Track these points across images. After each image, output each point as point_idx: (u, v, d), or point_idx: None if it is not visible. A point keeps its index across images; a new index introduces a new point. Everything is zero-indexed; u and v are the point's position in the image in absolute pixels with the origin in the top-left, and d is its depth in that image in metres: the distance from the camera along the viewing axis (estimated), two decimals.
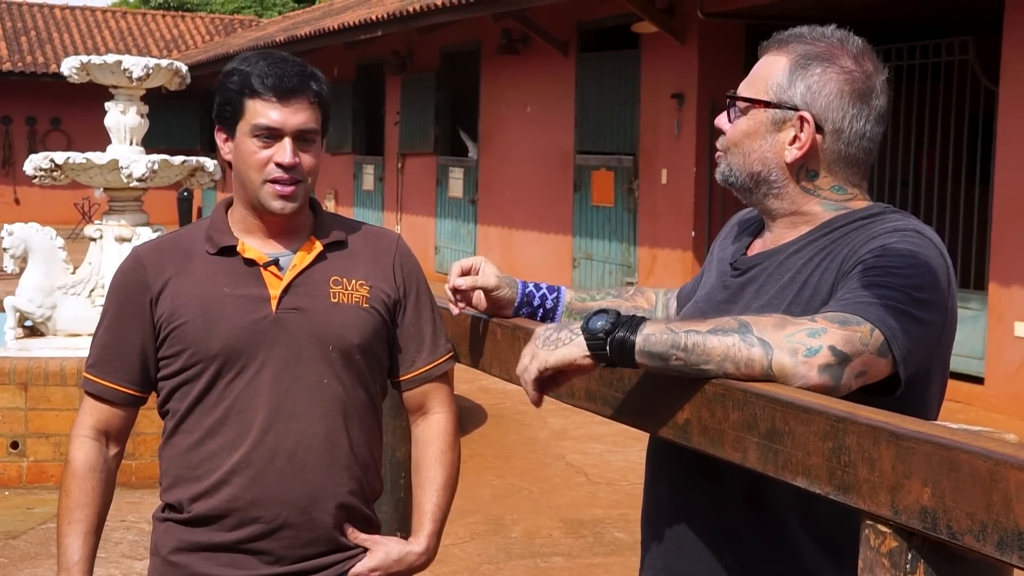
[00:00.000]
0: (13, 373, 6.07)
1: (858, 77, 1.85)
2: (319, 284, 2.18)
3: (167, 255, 2.21)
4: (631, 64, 12.27)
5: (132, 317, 2.18)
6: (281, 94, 2.11)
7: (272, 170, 2.12)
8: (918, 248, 1.74)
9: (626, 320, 1.67)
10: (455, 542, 5.47)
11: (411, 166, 17.32)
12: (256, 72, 2.12)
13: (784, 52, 1.87)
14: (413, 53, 16.93)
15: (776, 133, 1.86)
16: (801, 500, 1.83)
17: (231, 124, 2.15)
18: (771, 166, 1.87)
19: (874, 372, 1.62)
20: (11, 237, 7.33)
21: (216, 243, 2.19)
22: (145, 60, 7.30)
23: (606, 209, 12.74)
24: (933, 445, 1.31)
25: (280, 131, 2.12)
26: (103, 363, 2.21)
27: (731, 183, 1.93)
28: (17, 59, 25.74)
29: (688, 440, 1.69)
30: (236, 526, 2.13)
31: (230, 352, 2.11)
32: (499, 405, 8.34)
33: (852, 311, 1.63)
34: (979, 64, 8.73)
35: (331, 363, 2.16)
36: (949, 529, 1.29)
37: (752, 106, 1.87)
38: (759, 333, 1.59)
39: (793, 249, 1.87)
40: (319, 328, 2.15)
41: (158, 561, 2.21)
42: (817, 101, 1.83)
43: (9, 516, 5.72)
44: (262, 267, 2.16)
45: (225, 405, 2.13)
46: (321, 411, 2.15)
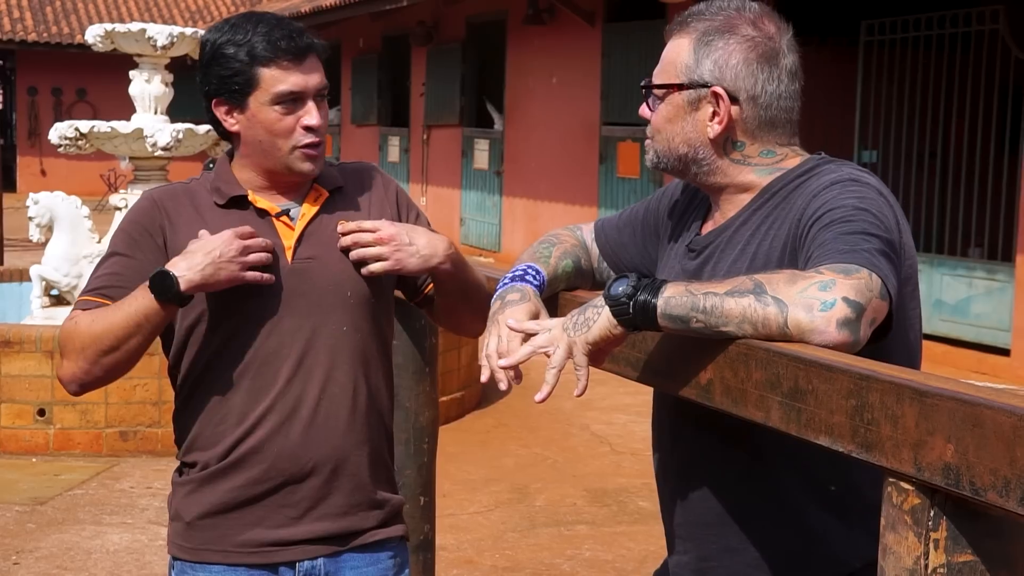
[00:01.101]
0: (40, 341, 6.12)
1: (760, 41, 1.88)
2: (330, 231, 2.17)
3: (181, 202, 2.17)
4: (658, 34, 12.04)
5: (148, 252, 2.12)
6: (296, 57, 2.09)
7: (301, 135, 2.11)
8: (859, 194, 1.76)
9: (647, 283, 1.67)
10: (479, 510, 5.49)
11: (436, 138, 17.29)
12: (260, 39, 2.07)
13: (686, 33, 1.91)
14: (439, 24, 16.87)
15: (694, 113, 1.90)
16: (799, 464, 1.84)
17: (240, 96, 2.10)
18: (696, 145, 1.91)
19: (880, 317, 1.62)
20: (37, 206, 7.38)
21: (225, 194, 2.16)
22: (170, 28, 7.31)
23: (632, 181, 12.69)
24: (957, 402, 1.30)
25: (303, 94, 2.10)
26: (108, 289, 2.11)
27: (662, 168, 1.97)
28: (42, 30, 25.81)
29: (711, 400, 1.68)
30: (262, 478, 2.13)
31: (250, 305, 2.11)
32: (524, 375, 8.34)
33: (845, 260, 1.63)
34: (1010, 33, 8.63)
35: (350, 310, 2.16)
36: (972, 485, 1.28)
37: (667, 92, 1.91)
38: (772, 291, 1.60)
39: (739, 222, 1.91)
40: (336, 276, 2.15)
41: (180, 526, 2.19)
42: (726, 73, 1.87)
43: (36, 482, 5.77)
44: (274, 217, 2.15)
45: (246, 358, 2.12)
46: (343, 359, 2.16)
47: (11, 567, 4.69)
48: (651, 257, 2.16)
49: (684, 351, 1.72)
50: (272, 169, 2.16)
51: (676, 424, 2.02)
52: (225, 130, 2.17)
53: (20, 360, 6.12)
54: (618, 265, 2.19)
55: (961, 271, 9.20)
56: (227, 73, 2.09)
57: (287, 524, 2.14)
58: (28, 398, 6.15)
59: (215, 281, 2.03)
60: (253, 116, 2.11)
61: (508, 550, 5.00)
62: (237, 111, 2.12)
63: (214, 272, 2.01)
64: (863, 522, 1.79)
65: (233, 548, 2.14)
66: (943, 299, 9.22)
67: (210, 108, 2.16)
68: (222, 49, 2.10)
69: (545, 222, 14.22)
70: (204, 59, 2.13)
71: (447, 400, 6.84)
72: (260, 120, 2.10)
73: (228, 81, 2.10)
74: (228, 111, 2.13)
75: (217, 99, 2.13)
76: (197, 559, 2.16)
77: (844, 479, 1.84)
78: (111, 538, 5.03)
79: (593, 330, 1.72)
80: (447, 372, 6.91)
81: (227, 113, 2.13)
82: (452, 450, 6.05)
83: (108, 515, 5.32)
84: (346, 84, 20.58)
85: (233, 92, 2.10)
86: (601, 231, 2.23)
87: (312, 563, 2.16)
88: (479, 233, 16.11)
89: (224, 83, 2.10)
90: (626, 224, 2.21)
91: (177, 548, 2.19)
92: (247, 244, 2.05)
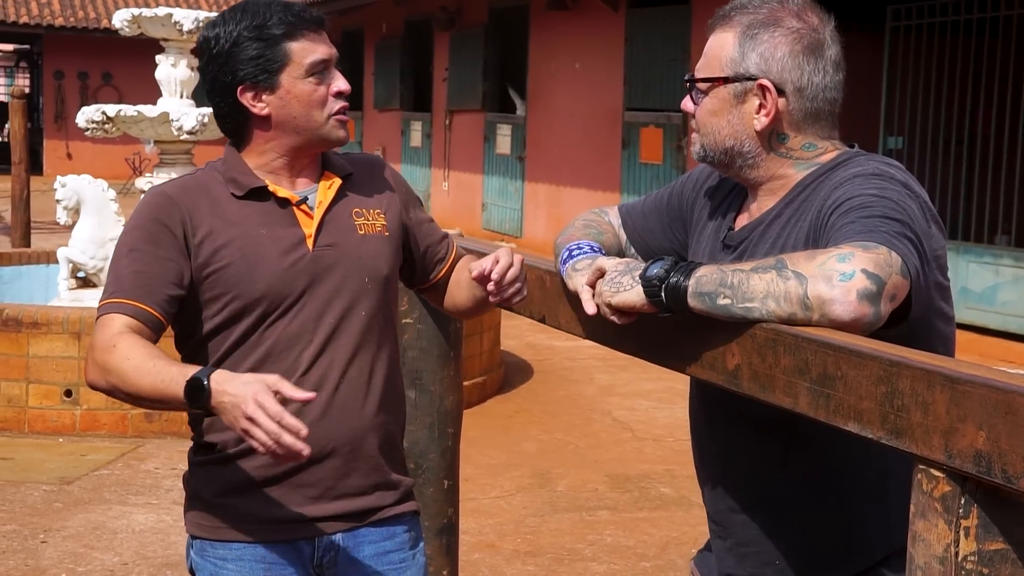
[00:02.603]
0: (67, 323, 6.16)
1: (805, 33, 1.88)
2: (345, 218, 2.19)
3: (196, 196, 2.14)
4: (682, 20, 12.15)
5: (170, 249, 2.08)
6: (318, 27, 2.14)
7: (334, 102, 2.14)
8: (880, 185, 1.77)
9: (683, 266, 1.70)
10: (501, 495, 5.50)
11: (459, 123, 17.29)
12: (277, 17, 2.10)
13: (730, 27, 1.91)
14: (462, 9, 16.85)
15: (740, 106, 1.90)
16: (833, 451, 1.85)
17: (271, 75, 2.10)
18: (743, 138, 1.91)
19: (900, 295, 1.62)
20: (64, 189, 7.42)
21: (243, 185, 2.15)
22: (196, 13, 7.33)
23: (655, 166, 12.66)
24: (989, 388, 1.30)
25: (330, 61, 2.14)
26: (135, 288, 2.05)
27: (708, 160, 1.98)
28: (69, 14, 25.91)
29: (738, 386, 1.68)
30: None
31: (274, 293, 2.11)
32: (546, 361, 8.35)
33: (863, 238, 1.64)
34: None
35: (368, 296, 2.18)
36: (1004, 473, 1.28)
37: (712, 85, 1.92)
38: (793, 267, 1.61)
39: (772, 215, 1.92)
40: (354, 262, 2.17)
41: (200, 505, 2.19)
42: (772, 66, 1.87)
43: (63, 462, 5.81)
44: (295, 206, 2.16)
45: (267, 345, 2.13)
46: (363, 343, 2.18)
47: (39, 545, 4.73)
48: (679, 241, 2.17)
49: (712, 336, 1.73)
50: (303, 145, 2.16)
51: (712, 412, 2.03)
52: (246, 120, 2.14)
53: (48, 341, 6.16)
54: (646, 250, 2.20)
55: (988, 259, 9.14)
56: (253, 55, 2.09)
57: (306, 503, 2.16)
58: (55, 379, 6.19)
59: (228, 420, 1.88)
60: (287, 92, 2.11)
61: (529, 535, 5.01)
62: (267, 92, 2.12)
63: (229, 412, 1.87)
64: (900, 506, 1.79)
65: (254, 525, 2.15)
66: (969, 287, 9.17)
67: (231, 98, 2.13)
68: (242, 35, 2.09)
69: (567, 208, 14.20)
70: (220, 50, 2.11)
71: (469, 385, 6.85)
72: (296, 94, 2.11)
73: (257, 63, 2.09)
74: (256, 96, 2.12)
75: (243, 85, 2.11)
76: (217, 537, 2.17)
77: (879, 464, 1.84)
78: (137, 518, 5.06)
79: (619, 296, 1.77)
80: (469, 357, 6.92)
81: (255, 98, 2.12)
82: (474, 435, 6.06)
83: (133, 495, 5.36)
84: (369, 69, 20.59)
85: (264, 73, 2.10)
86: (628, 216, 2.24)
87: (331, 538, 2.18)
88: (501, 219, 16.10)
89: (253, 65, 2.10)
90: (652, 210, 2.22)
91: (196, 527, 2.20)
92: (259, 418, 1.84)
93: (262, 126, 2.15)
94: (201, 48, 2.16)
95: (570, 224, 2.20)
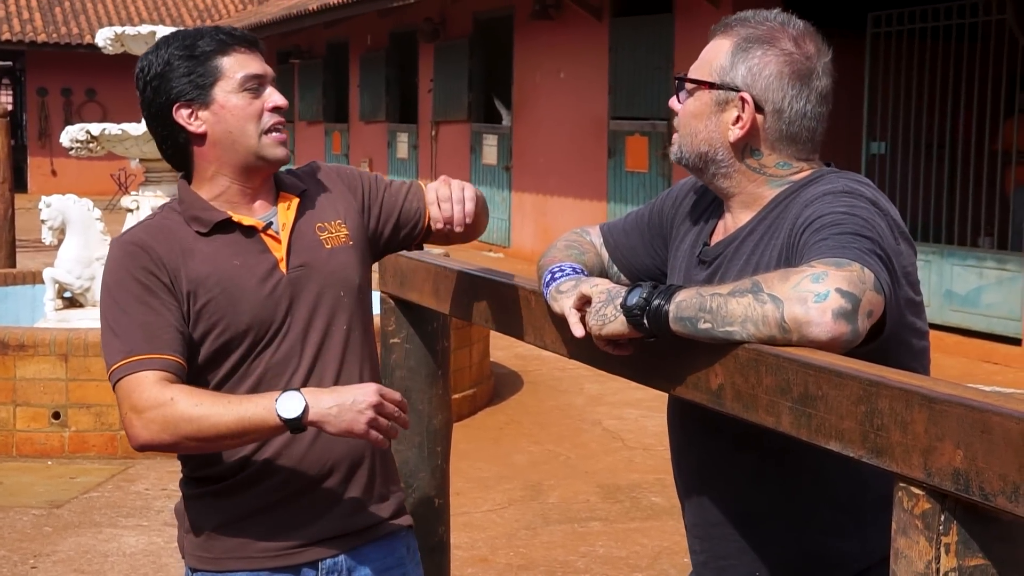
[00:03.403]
0: (54, 344, 6.15)
1: (798, 59, 1.90)
2: (310, 235, 2.20)
3: (162, 240, 2.12)
4: (665, 28, 12.19)
5: (161, 292, 2.07)
6: (249, 45, 2.15)
7: (269, 117, 2.14)
8: (849, 203, 1.78)
9: (662, 290, 1.71)
10: (493, 508, 5.51)
11: (445, 134, 17.31)
12: (209, 37, 2.12)
13: (728, 35, 1.94)
14: (446, 20, 16.88)
15: (720, 113, 1.92)
16: (809, 465, 1.87)
17: (205, 90, 2.10)
18: (716, 146, 1.93)
19: (877, 311, 1.63)
20: (49, 209, 7.41)
21: (207, 221, 2.14)
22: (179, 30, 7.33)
23: (640, 175, 12.70)
24: (965, 408, 1.32)
25: (264, 78, 2.14)
26: (152, 340, 2.04)
27: (683, 162, 2.00)
28: (52, 30, 25.88)
29: (722, 405, 1.70)
30: (280, 485, 2.15)
31: (259, 323, 2.12)
32: (535, 372, 8.37)
33: (835, 255, 1.65)
34: (1017, 23, 8.61)
35: (344, 308, 2.20)
36: (982, 491, 1.30)
37: (698, 88, 1.94)
38: (768, 289, 1.62)
39: (746, 232, 1.94)
40: (327, 277, 2.18)
41: (198, 538, 2.18)
42: (757, 82, 1.89)
43: (52, 485, 5.80)
44: (261, 232, 2.16)
45: (257, 374, 2.13)
46: (349, 357, 2.20)
47: (29, 571, 4.72)
48: (660, 258, 2.19)
49: (695, 356, 1.74)
50: (243, 164, 2.14)
51: (689, 427, 2.05)
52: (187, 137, 2.13)
53: (35, 363, 6.15)
54: (629, 268, 2.21)
55: (971, 261, 9.19)
56: (187, 72, 2.10)
57: (306, 524, 2.17)
58: (43, 401, 6.18)
59: (341, 426, 1.97)
60: (221, 107, 2.11)
61: (522, 548, 5.02)
62: (202, 108, 2.11)
63: (339, 417, 1.97)
64: (875, 518, 1.81)
65: (256, 554, 2.16)
66: (953, 289, 9.22)
67: (167, 119, 2.13)
68: (173, 56, 2.11)
69: (554, 217, 14.23)
70: (153, 73, 2.12)
71: (459, 398, 6.86)
72: (229, 108, 2.11)
73: (190, 79, 2.10)
74: (191, 113, 2.11)
75: (178, 103, 2.11)
76: (220, 568, 2.17)
77: (854, 477, 1.86)
78: (127, 540, 5.06)
79: (607, 328, 1.78)
80: (459, 370, 6.93)
81: (190, 116, 2.12)
82: (464, 448, 6.07)
83: (124, 518, 5.35)
84: (354, 81, 20.60)
85: (197, 88, 2.10)
86: (609, 235, 2.26)
87: (334, 560, 2.19)
88: (488, 228, 16.05)
89: (186, 83, 2.10)
90: (633, 228, 2.24)
91: (197, 560, 2.20)
92: (385, 402, 2.00)
93: (201, 146, 2.14)
94: (137, 77, 2.16)
95: (552, 245, 2.21)
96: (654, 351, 1.83)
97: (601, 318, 1.78)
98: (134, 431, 2.01)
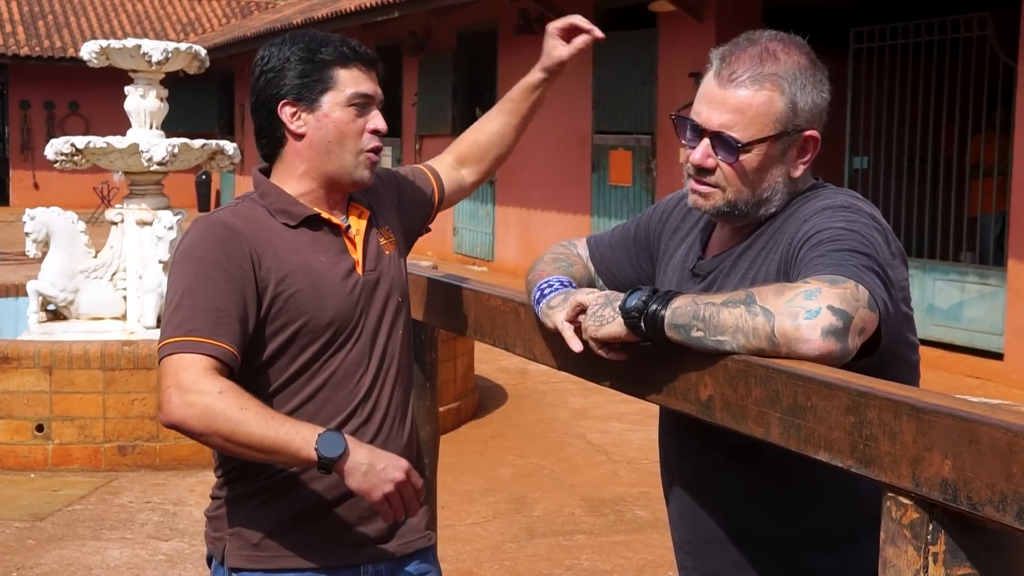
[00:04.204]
0: (38, 356, 6.13)
1: (820, 76, 1.92)
2: (376, 242, 2.27)
3: (254, 224, 2.14)
4: (648, 43, 12.25)
5: (238, 280, 2.06)
6: (369, 65, 2.18)
7: (369, 139, 2.17)
8: (848, 218, 1.79)
9: (660, 295, 1.72)
10: (478, 521, 5.51)
11: (429, 147, 17.32)
12: (334, 46, 2.15)
13: (770, 84, 1.87)
14: (430, 34, 16.92)
15: (783, 157, 1.91)
16: (804, 480, 1.87)
17: (315, 95, 2.13)
18: (780, 186, 1.92)
19: (869, 328, 1.64)
20: (33, 221, 7.39)
21: (296, 215, 2.17)
22: (164, 44, 7.33)
23: (624, 189, 12.73)
24: (953, 418, 1.33)
25: (373, 99, 2.18)
26: (215, 326, 2.01)
27: (736, 213, 1.93)
28: (35, 43, 25.82)
29: (711, 416, 1.71)
30: (333, 486, 2.13)
31: (341, 319, 2.15)
32: (519, 385, 8.37)
33: (831, 272, 1.66)
34: (997, 40, 8.68)
35: (401, 314, 2.28)
36: (970, 500, 1.31)
37: (761, 143, 1.88)
38: (761, 302, 1.63)
39: (743, 247, 1.94)
40: (391, 283, 2.25)
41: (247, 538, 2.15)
42: (815, 114, 1.91)
43: (35, 498, 5.78)
44: (344, 233, 2.21)
45: (329, 372, 2.15)
46: (403, 364, 2.27)
47: None
48: (646, 273, 2.20)
49: (685, 368, 1.76)
50: (331, 174, 2.18)
51: (682, 442, 2.05)
52: (284, 133, 2.16)
53: (18, 376, 6.13)
54: (614, 282, 2.22)
55: (953, 276, 9.24)
56: (303, 73, 2.13)
57: (357, 526, 2.18)
58: (26, 414, 6.16)
59: (363, 485, 1.98)
60: (325, 116, 2.14)
61: (507, 561, 5.02)
62: (307, 111, 2.14)
63: (366, 476, 1.97)
64: (869, 535, 1.82)
65: (309, 552, 2.16)
66: (936, 304, 9.27)
67: (271, 113, 2.16)
68: (295, 55, 2.14)
69: (538, 231, 14.26)
70: (271, 66, 2.15)
71: (443, 411, 6.86)
72: (333, 119, 2.14)
73: (304, 80, 2.13)
74: (296, 113, 2.15)
75: (286, 100, 2.14)
76: (268, 567, 2.16)
77: (850, 493, 1.88)
78: (111, 553, 5.04)
79: (603, 329, 1.78)
80: (443, 383, 6.94)
81: (294, 115, 2.15)
82: (449, 461, 6.06)
83: (108, 530, 5.33)
84: None
85: (308, 90, 2.13)
86: (595, 248, 2.27)
87: (376, 568, 2.22)
88: (472, 242, 16.13)
89: (299, 82, 2.13)
90: (619, 242, 2.25)
91: (243, 559, 2.17)
92: (409, 483, 2.01)
93: (296, 146, 2.17)
94: (255, 64, 2.20)
95: (539, 259, 2.22)
96: (643, 362, 1.85)
97: (599, 319, 1.79)
98: (171, 406, 1.97)
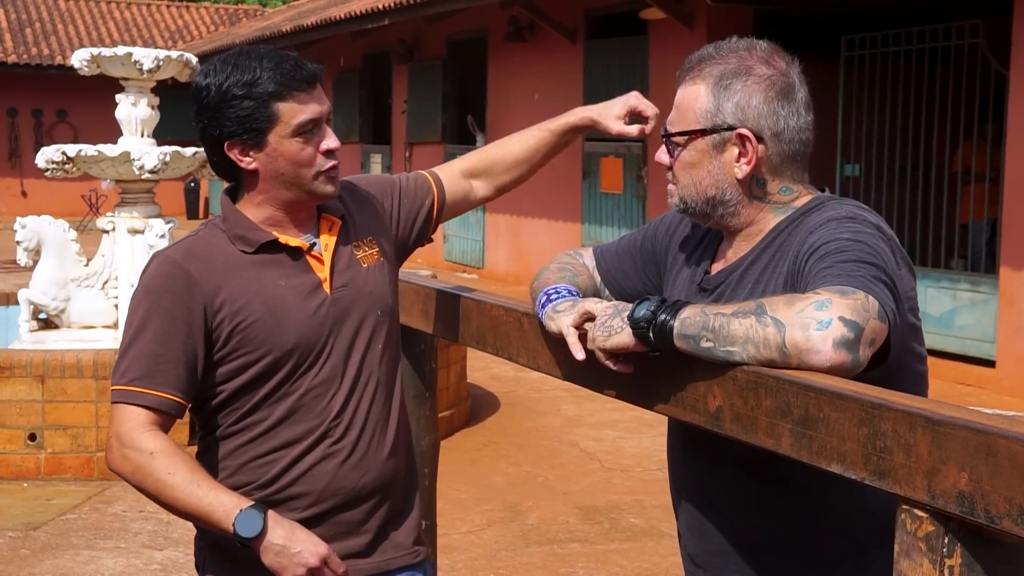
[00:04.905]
0: (30, 365, 6.10)
1: (777, 79, 1.92)
2: (348, 255, 2.22)
3: (206, 258, 2.12)
4: (639, 51, 12.26)
5: (183, 323, 2.06)
6: (309, 85, 2.10)
7: (322, 161, 2.12)
8: (854, 229, 1.80)
9: (669, 305, 1.72)
10: (472, 529, 5.50)
11: (419, 155, 17.30)
12: (269, 74, 2.06)
13: (700, 78, 1.94)
14: (420, 42, 16.91)
15: (720, 155, 1.93)
16: (813, 492, 1.87)
17: (259, 134, 2.08)
18: (724, 187, 1.94)
19: (879, 339, 1.64)
20: (24, 230, 7.36)
21: (253, 241, 2.14)
22: (155, 52, 7.31)
23: (615, 196, 12.74)
24: (970, 430, 1.33)
25: (320, 120, 2.11)
26: (155, 374, 2.05)
27: (688, 211, 2.00)
28: (22, 51, 25.74)
29: (720, 428, 1.71)
30: (312, 503, 2.14)
31: (305, 343, 2.12)
32: (512, 393, 8.36)
33: (841, 283, 1.66)
34: (989, 48, 8.71)
35: (381, 328, 2.22)
36: (987, 513, 1.31)
37: (690, 138, 1.94)
38: (772, 312, 1.62)
39: (749, 261, 1.95)
40: (366, 297, 2.20)
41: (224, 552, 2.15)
42: (749, 114, 1.90)
43: (29, 507, 5.75)
44: (306, 253, 2.17)
45: (297, 395, 2.13)
46: (383, 378, 2.22)
47: None
48: (652, 284, 2.19)
49: (693, 378, 1.75)
50: (293, 199, 2.15)
51: (691, 454, 2.04)
52: (238, 169, 2.14)
53: (11, 385, 6.10)
54: (620, 292, 2.22)
55: (945, 283, 9.26)
56: (242, 114, 2.06)
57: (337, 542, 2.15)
58: (19, 423, 6.13)
59: (274, 564, 2.00)
60: (274, 151, 2.10)
61: (502, 569, 5.00)
62: (254, 149, 2.10)
63: (278, 555, 2.00)
64: (879, 548, 1.81)
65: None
66: (927, 311, 9.28)
67: (220, 150, 2.12)
68: (231, 91, 2.06)
69: (528, 238, 14.25)
70: (209, 102, 2.09)
71: None
72: (282, 153, 2.10)
73: (245, 121, 2.07)
74: (244, 151, 2.10)
75: (231, 141, 2.10)
76: None
77: (858, 506, 1.87)
78: (106, 563, 5.02)
79: (612, 339, 1.78)
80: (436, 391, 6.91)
81: (242, 153, 2.11)
82: (442, 469, 6.00)
83: (102, 539, 5.31)
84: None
85: (251, 131, 2.08)
86: (602, 258, 2.27)
87: None
88: (463, 250, 16.12)
89: (240, 124, 2.07)
90: (625, 252, 2.24)
91: (221, 570, 2.18)
92: (325, 571, 2.02)
93: (252, 179, 2.15)
94: (193, 95, 2.14)
95: (545, 267, 2.21)
96: (651, 372, 1.84)
97: (607, 329, 1.79)
98: (111, 456, 2.07)
